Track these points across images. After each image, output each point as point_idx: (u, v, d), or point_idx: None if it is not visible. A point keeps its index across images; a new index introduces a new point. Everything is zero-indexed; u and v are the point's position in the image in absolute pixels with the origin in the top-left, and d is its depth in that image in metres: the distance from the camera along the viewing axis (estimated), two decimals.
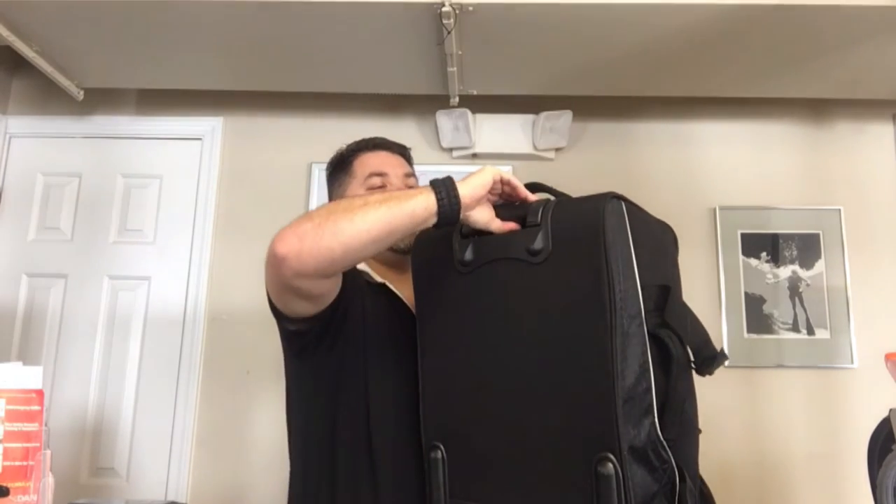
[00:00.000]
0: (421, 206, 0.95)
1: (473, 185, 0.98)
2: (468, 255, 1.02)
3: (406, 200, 0.96)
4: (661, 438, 0.86)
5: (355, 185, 1.29)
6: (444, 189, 0.96)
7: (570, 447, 0.88)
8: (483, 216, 1.01)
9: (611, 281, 0.86)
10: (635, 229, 0.91)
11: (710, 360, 0.93)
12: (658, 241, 1.00)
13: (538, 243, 0.94)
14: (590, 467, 0.84)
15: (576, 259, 0.90)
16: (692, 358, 0.94)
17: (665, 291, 0.93)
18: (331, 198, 1.35)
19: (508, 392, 0.96)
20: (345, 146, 1.36)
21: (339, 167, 1.33)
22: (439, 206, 0.96)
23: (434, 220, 0.97)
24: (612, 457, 0.83)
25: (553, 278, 0.92)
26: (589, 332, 0.87)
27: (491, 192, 1.01)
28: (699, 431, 0.97)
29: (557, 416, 0.90)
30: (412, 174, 1.34)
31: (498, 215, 1.02)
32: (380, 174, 1.27)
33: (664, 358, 0.89)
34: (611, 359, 0.85)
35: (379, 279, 1.20)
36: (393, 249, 1.19)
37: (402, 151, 1.36)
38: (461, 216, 0.98)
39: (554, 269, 0.92)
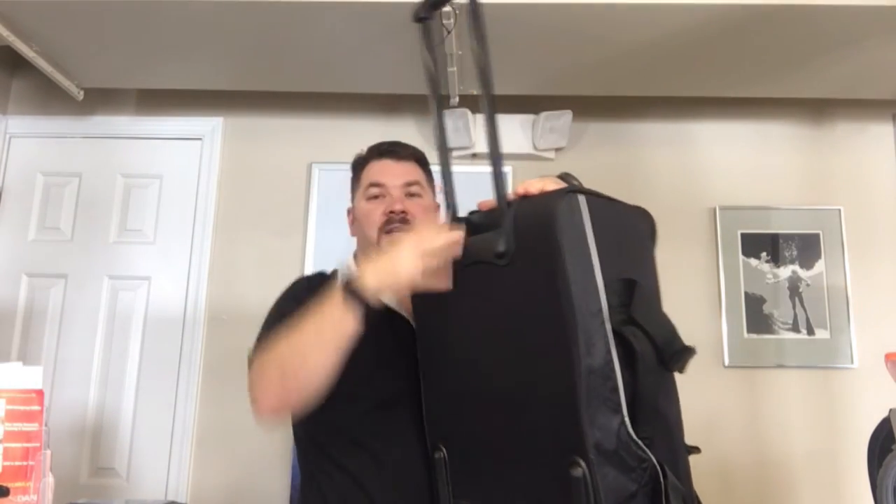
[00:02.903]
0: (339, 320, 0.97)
1: (383, 276, 0.97)
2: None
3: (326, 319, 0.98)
4: (635, 438, 0.84)
5: (360, 193, 1.28)
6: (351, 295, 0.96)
7: (545, 450, 0.87)
8: (431, 285, 0.98)
9: (566, 280, 0.84)
10: (599, 223, 0.87)
11: (677, 355, 0.89)
12: (628, 233, 0.96)
13: (502, 245, 0.91)
14: (563, 470, 0.83)
15: (533, 260, 0.88)
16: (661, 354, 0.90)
17: (631, 286, 0.89)
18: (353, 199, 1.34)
19: (489, 396, 0.95)
20: (364, 149, 1.33)
21: (354, 173, 1.32)
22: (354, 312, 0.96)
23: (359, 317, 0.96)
24: (579, 460, 0.81)
25: (516, 280, 0.90)
26: (550, 333, 0.85)
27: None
28: (697, 450, 0.94)
29: (531, 420, 0.89)
30: (417, 182, 1.27)
31: (478, 220, 0.99)
32: (377, 185, 1.25)
33: (629, 356, 0.86)
34: (572, 359, 0.82)
35: None
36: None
37: (415, 155, 1.31)
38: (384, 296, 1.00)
39: (516, 270, 0.90)
